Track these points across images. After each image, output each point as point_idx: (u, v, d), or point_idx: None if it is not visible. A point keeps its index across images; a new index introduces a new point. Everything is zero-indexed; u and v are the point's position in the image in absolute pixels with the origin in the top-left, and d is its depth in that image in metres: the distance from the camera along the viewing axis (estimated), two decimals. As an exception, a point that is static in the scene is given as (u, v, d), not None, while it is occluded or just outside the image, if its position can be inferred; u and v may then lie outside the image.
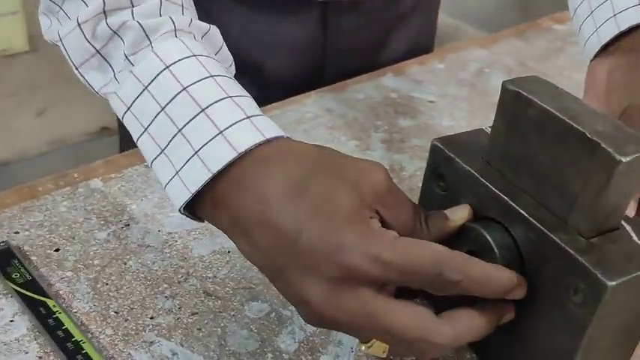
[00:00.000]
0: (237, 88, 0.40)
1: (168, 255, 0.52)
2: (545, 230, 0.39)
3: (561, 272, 0.38)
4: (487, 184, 0.42)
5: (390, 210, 0.37)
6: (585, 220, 0.38)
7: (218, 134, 0.37)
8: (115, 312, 0.47)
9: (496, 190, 0.41)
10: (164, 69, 0.39)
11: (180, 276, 0.50)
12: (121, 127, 0.87)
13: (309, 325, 0.47)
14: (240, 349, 0.45)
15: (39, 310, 0.45)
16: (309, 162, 0.37)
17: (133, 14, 0.41)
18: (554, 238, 0.38)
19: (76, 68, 0.43)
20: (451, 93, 0.79)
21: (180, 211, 0.38)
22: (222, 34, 0.46)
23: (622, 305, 0.37)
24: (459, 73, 0.83)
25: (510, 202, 0.41)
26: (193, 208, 0.39)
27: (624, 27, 0.52)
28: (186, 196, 0.37)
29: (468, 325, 0.38)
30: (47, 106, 2.01)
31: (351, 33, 0.78)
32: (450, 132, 0.72)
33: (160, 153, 0.39)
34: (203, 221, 0.40)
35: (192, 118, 0.37)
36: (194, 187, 0.37)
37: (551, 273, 0.39)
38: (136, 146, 0.41)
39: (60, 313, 0.45)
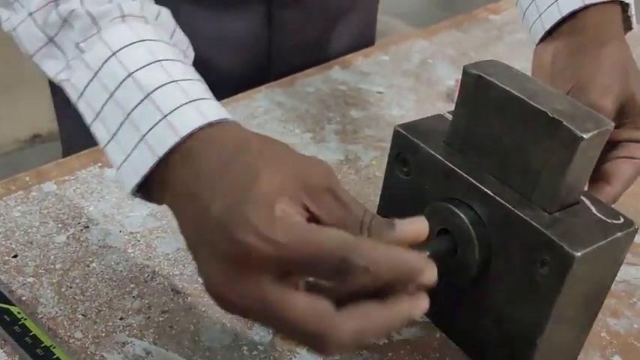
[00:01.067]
0: (184, 72, 0.40)
1: (132, 255, 0.51)
2: (511, 207, 0.40)
3: (528, 247, 0.40)
4: (451, 166, 0.43)
5: (323, 209, 0.35)
6: (548, 196, 0.40)
7: (162, 119, 0.37)
8: (83, 315, 0.45)
9: (461, 172, 0.43)
10: (111, 55, 0.39)
11: (146, 275, 0.49)
12: (63, 129, 0.84)
13: (281, 316, 0.47)
14: (215, 344, 0.45)
15: (3, 317, 0.43)
16: (246, 144, 0.37)
17: (82, 2, 0.41)
18: (520, 214, 0.40)
19: (31, 56, 0.43)
20: (397, 84, 0.80)
21: (132, 193, 0.39)
22: None
23: (587, 275, 0.39)
24: (403, 64, 0.85)
25: (475, 183, 0.42)
26: (144, 189, 0.39)
27: (565, 12, 0.54)
28: (135, 180, 0.38)
29: (372, 319, 0.33)
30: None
31: (295, 28, 0.78)
32: (401, 121, 0.73)
33: (111, 139, 0.39)
34: (155, 202, 0.40)
35: (138, 104, 0.38)
36: (142, 172, 0.38)
37: (517, 248, 0.40)
38: (80, 150, 0.39)
39: (25, 319, 0.43)
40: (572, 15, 0.54)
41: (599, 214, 0.41)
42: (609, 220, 0.40)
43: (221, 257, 0.34)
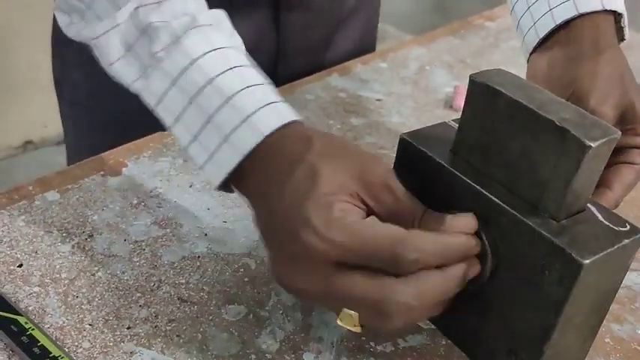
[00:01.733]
0: (256, 77, 0.44)
1: (138, 264, 0.51)
2: (519, 215, 0.40)
3: (536, 254, 0.40)
4: (458, 174, 0.44)
5: (380, 204, 0.40)
6: (556, 204, 0.40)
7: (244, 120, 0.41)
8: (90, 324, 0.45)
9: (467, 180, 0.43)
10: (189, 64, 0.43)
11: (152, 284, 0.49)
12: (67, 134, 0.84)
13: (288, 324, 0.47)
14: (223, 353, 0.45)
15: (10, 328, 0.43)
16: (310, 145, 0.41)
17: (159, 15, 0.45)
18: (528, 222, 0.40)
19: (110, 64, 0.46)
20: (396, 91, 0.80)
21: (216, 188, 0.43)
22: None
23: (594, 282, 0.40)
24: (401, 71, 0.85)
25: (483, 191, 0.42)
26: (226, 184, 0.43)
27: (560, 21, 0.55)
28: (222, 177, 0.42)
29: (430, 281, 0.38)
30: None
31: (301, 30, 0.79)
32: (401, 128, 0.74)
33: (194, 140, 0.43)
34: (233, 192, 0.44)
35: (220, 107, 0.42)
36: (228, 169, 0.42)
37: (525, 256, 0.41)
38: (86, 156, 0.43)
39: (33, 329, 0.43)
40: (567, 24, 0.55)
41: (605, 222, 0.41)
42: (616, 228, 0.40)
43: (287, 253, 0.39)
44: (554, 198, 0.40)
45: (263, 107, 0.42)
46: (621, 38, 0.57)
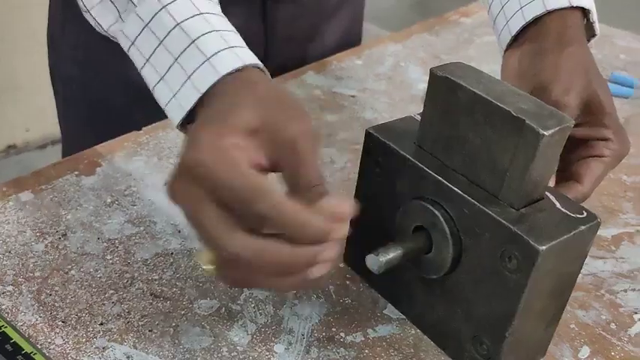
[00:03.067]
0: (223, 24, 0.46)
1: (111, 261, 0.51)
2: (479, 204, 0.41)
3: (496, 242, 0.41)
4: (421, 166, 0.45)
5: (279, 161, 0.40)
6: (515, 193, 0.41)
7: (205, 61, 0.43)
8: (63, 321, 0.46)
9: (430, 171, 0.44)
10: (161, 8, 0.45)
11: (125, 281, 0.50)
12: (64, 131, 0.85)
13: (260, 317, 0.48)
14: (195, 346, 0.45)
15: (-17, 326, 0.44)
16: (258, 89, 0.42)
17: None
18: (488, 211, 0.41)
19: (87, 11, 0.49)
20: (370, 87, 0.81)
21: (177, 127, 0.45)
22: None
23: (553, 267, 0.41)
24: (376, 68, 0.86)
25: (444, 182, 0.43)
26: (186, 126, 0.45)
27: (529, 17, 0.56)
28: (181, 115, 0.44)
29: (273, 246, 0.37)
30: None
31: (288, 22, 0.80)
32: (374, 124, 0.74)
33: (160, 79, 0.45)
34: None
35: (185, 49, 0.44)
36: (187, 106, 0.44)
37: (486, 244, 0.42)
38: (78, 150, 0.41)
39: (6, 327, 0.44)
40: (536, 20, 0.56)
41: (563, 209, 0.42)
42: (573, 215, 0.42)
43: (177, 166, 0.39)
44: (513, 187, 0.41)
45: (225, 49, 0.44)
46: (592, 34, 0.59)
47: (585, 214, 0.42)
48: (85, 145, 0.64)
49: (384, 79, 0.84)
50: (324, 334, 0.48)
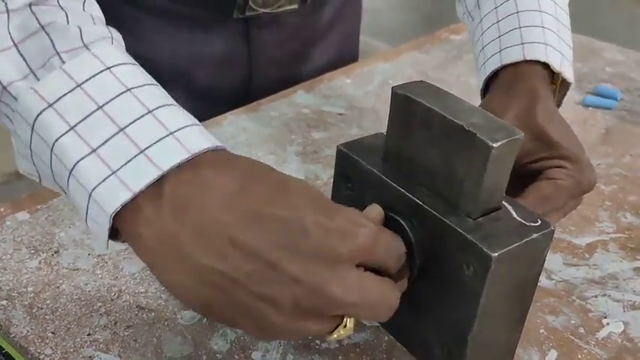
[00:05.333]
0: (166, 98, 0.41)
1: (100, 276, 0.54)
2: (439, 215, 0.44)
3: (455, 250, 0.43)
4: (387, 180, 0.47)
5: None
6: (472, 203, 0.44)
7: (168, 135, 0.38)
8: (52, 332, 0.49)
9: (395, 185, 0.46)
10: (104, 69, 0.40)
11: (113, 294, 0.53)
12: None
13: (239, 326, 0.51)
14: (176, 355, 0.48)
15: (-23, 338, 0.47)
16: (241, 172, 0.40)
17: (66, 15, 0.42)
18: (447, 220, 0.43)
19: None
20: (358, 105, 0.84)
21: (110, 216, 0.37)
22: (153, 47, 0.49)
23: (508, 273, 0.43)
24: (365, 87, 0.89)
25: (407, 194, 0.46)
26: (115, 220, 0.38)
27: (488, 72, 0.61)
28: (127, 195, 0.37)
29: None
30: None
31: (273, 46, 0.83)
32: (360, 141, 0.77)
33: (91, 152, 0.38)
34: (119, 239, 0.41)
35: (138, 119, 0.38)
36: (137, 187, 0.37)
37: (447, 253, 0.44)
38: None
39: (-2, 338, 0.47)
40: (495, 74, 0.61)
41: (518, 218, 0.44)
42: (527, 223, 0.44)
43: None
44: (470, 197, 0.43)
45: (190, 126, 0.40)
46: (566, 87, 0.62)
47: (539, 222, 0.44)
48: None
49: (372, 97, 0.87)
50: (300, 341, 0.50)
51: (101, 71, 0.40)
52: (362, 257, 0.39)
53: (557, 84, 0.61)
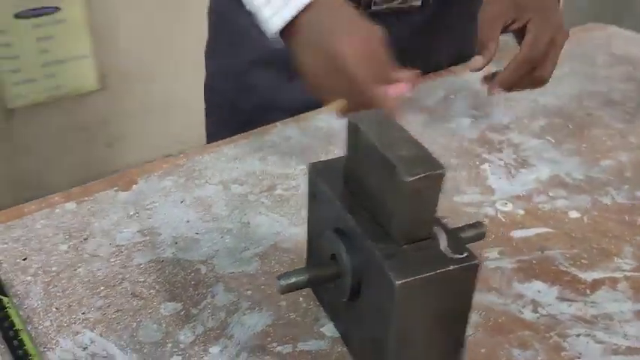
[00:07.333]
0: None
1: (112, 264, 0.62)
2: (369, 240, 0.46)
3: (377, 275, 0.45)
4: (337, 201, 0.50)
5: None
6: (399, 231, 0.45)
7: None
8: (56, 308, 0.57)
9: (342, 206, 0.49)
10: None
11: (116, 280, 0.60)
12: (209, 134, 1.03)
13: (210, 322, 0.56)
14: (146, 340, 0.54)
15: (-6, 305, 0.56)
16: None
17: None
18: (372, 246, 0.45)
19: None
20: (407, 119, 0.85)
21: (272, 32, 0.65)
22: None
23: (422, 302, 0.44)
24: (424, 100, 0.90)
25: (349, 216, 0.48)
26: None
27: None
28: (292, 12, 0.63)
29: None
30: (114, 139, 2.21)
31: (397, 42, 0.88)
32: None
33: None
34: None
35: None
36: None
37: (372, 276, 0.46)
38: None
39: (10, 308, 0.56)
40: None
41: (444, 249, 0.45)
42: (451, 255, 0.45)
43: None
44: (396, 225, 0.45)
45: None
46: None
47: (466, 254, 0.45)
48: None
49: (425, 112, 0.87)
50: (258, 342, 0.54)
51: None
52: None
53: None
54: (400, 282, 0.42)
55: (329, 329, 0.55)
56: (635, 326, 0.57)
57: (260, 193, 0.72)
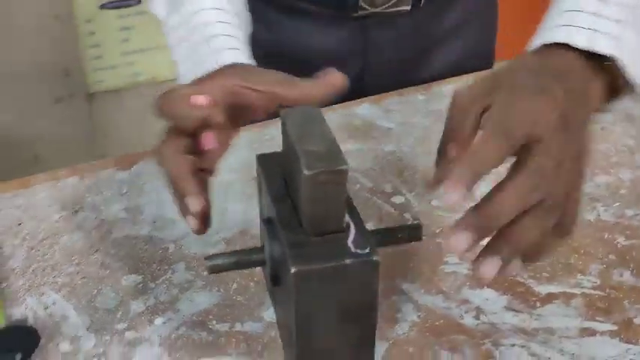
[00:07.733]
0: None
1: (92, 235, 0.68)
2: (279, 228, 0.48)
3: (284, 262, 0.47)
4: (266, 192, 0.52)
5: None
6: (308, 223, 0.47)
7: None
8: (33, 271, 0.63)
9: (269, 194, 0.52)
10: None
11: (91, 251, 0.65)
12: None
13: (163, 296, 0.60)
14: (101, 306, 0.59)
15: (-20, 262, 0.63)
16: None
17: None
18: (282, 234, 0.48)
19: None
20: (413, 121, 0.86)
21: None
22: (276, 39, 0.77)
23: (321, 292, 0.46)
24: (433, 104, 0.90)
25: (273, 206, 0.51)
26: None
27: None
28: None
29: None
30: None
31: (390, 48, 0.88)
32: (389, 156, 0.80)
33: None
34: None
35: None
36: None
37: (283, 264, 0.48)
38: None
39: (-8, 265, 0.63)
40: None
41: (349, 243, 0.47)
42: (354, 250, 0.46)
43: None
44: (304, 216, 0.47)
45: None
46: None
47: (367, 250, 0.46)
48: None
49: (434, 116, 0.88)
50: (200, 318, 0.58)
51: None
52: None
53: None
54: (295, 269, 0.45)
55: (269, 314, 0.58)
56: (577, 344, 0.56)
57: (246, 181, 0.75)
